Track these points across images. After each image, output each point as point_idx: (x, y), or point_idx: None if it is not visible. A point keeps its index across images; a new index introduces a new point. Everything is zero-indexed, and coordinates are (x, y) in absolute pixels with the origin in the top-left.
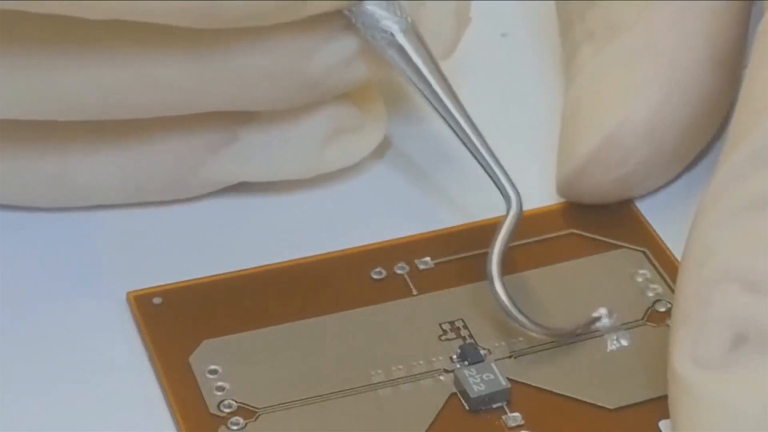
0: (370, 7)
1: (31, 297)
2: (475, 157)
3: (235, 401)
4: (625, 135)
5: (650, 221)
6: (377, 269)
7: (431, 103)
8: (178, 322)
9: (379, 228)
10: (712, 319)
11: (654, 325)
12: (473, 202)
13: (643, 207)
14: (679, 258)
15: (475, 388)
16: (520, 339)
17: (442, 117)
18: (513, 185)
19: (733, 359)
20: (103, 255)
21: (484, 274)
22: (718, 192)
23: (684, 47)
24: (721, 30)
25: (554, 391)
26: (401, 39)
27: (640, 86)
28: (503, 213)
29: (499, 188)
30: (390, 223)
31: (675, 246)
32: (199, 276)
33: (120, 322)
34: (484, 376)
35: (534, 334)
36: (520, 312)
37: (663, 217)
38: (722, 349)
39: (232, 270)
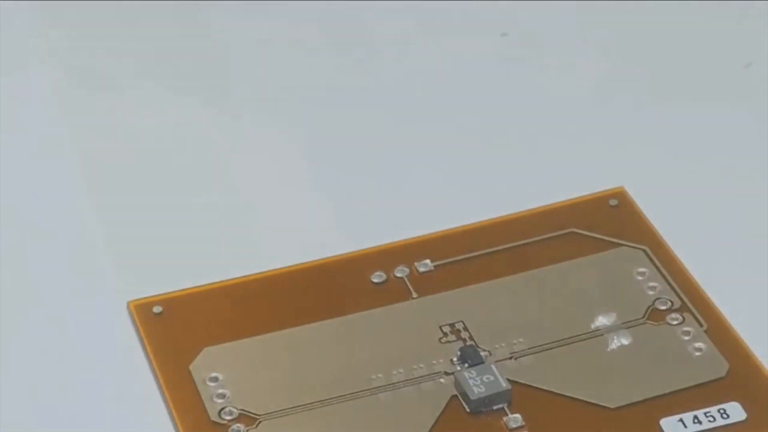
0: None
1: (32, 307)
2: None
3: (236, 408)
4: None
5: (650, 219)
6: (377, 273)
7: None
8: (179, 330)
9: (378, 231)
10: None
11: (654, 323)
12: (472, 204)
13: (643, 205)
14: (679, 256)
15: (476, 390)
16: (521, 340)
17: None
18: None
19: None
20: (103, 265)
21: (483, 276)
22: None
23: None
24: None
25: (555, 391)
26: None
27: None
28: (501, 214)
29: None
30: (389, 227)
31: (675, 244)
32: (199, 284)
33: (121, 331)
34: (484, 378)
35: None
36: None
37: (663, 214)
38: None
39: (231, 277)
